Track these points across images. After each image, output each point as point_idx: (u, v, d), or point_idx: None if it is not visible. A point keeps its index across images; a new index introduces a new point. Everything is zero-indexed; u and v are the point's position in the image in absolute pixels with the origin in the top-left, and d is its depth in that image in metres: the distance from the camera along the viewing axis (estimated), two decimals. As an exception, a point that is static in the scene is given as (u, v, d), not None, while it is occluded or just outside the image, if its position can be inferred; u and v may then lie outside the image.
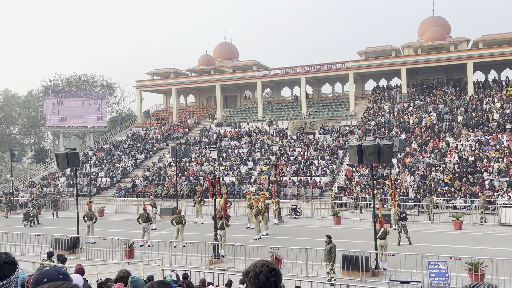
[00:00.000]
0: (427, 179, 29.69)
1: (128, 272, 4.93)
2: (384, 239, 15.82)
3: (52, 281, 2.49)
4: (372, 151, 15.25)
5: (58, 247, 18.77)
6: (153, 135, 48.86)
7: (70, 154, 20.27)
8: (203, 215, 26.86)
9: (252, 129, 44.45)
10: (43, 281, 2.47)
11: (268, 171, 34.85)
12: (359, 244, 18.27)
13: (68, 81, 65.50)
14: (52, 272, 2.54)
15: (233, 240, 18.35)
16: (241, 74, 49.52)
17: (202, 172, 37.63)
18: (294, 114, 46.34)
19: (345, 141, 37.89)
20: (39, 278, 2.49)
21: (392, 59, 43.51)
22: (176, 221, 20.00)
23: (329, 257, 14.14)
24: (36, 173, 49.24)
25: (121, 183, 39.46)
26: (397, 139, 27.33)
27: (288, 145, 39.50)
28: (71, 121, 51.12)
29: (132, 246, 18.29)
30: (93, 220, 21.86)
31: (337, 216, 24.86)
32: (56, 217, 30.86)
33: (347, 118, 43.11)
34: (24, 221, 27.40)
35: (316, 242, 18.67)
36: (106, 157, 45.66)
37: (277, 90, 53.05)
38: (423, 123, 37.51)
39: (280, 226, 24.69)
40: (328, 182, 32.77)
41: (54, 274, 2.52)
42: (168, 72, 53.78)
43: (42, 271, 2.57)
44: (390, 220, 22.72)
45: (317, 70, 45.23)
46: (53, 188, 39.82)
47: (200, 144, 43.64)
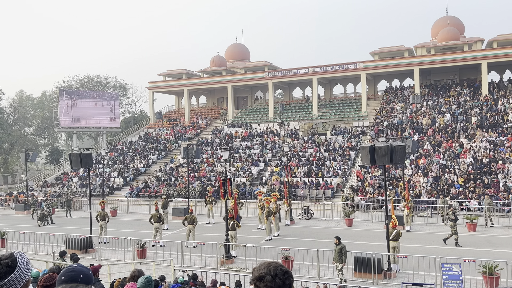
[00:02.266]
0: (440, 181, 29.36)
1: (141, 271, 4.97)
2: (396, 240, 15.67)
3: (87, 276, 2.55)
4: (384, 152, 15.13)
5: (72, 247, 18.97)
6: (165, 135, 49.15)
7: (83, 154, 20.48)
8: (215, 216, 26.93)
9: (263, 130, 44.44)
10: (80, 277, 2.52)
11: (280, 172, 34.80)
12: (371, 245, 18.14)
13: (81, 82, 66.26)
14: (84, 269, 2.61)
15: (245, 241, 18.36)
16: (252, 75, 49.56)
17: (214, 173, 37.74)
18: (306, 115, 46.21)
19: (357, 142, 37.66)
20: (74, 275, 2.53)
21: (405, 60, 43.15)
22: (188, 222, 20.08)
23: (340, 258, 14.07)
24: (50, 173, 49.86)
25: (133, 184, 39.76)
26: (410, 140, 27.07)
27: (300, 146, 39.40)
28: (85, 122, 51.67)
29: (144, 246, 18.41)
30: (105, 220, 22.05)
31: (349, 218, 24.71)
32: (70, 217, 31.20)
33: (359, 119, 42.85)
34: (38, 221, 27.77)
35: (327, 243, 18.58)
36: (119, 158, 46.05)
37: (289, 91, 52.97)
38: (436, 124, 37.11)
39: (292, 227, 24.63)
40: (339, 183, 32.59)
41: (86, 270, 2.60)
42: (180, 73, 54.07)
43: (74, 268, 2.61)
44: (403, 221, 22.51)
45: (329, 70, 45.05)
46: (67, 188, 40.27)
47: (212, 145, 43.77)
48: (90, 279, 2.57)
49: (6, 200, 38.52)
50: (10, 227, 24.02)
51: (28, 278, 2.30)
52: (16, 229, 22.49)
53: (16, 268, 2.23)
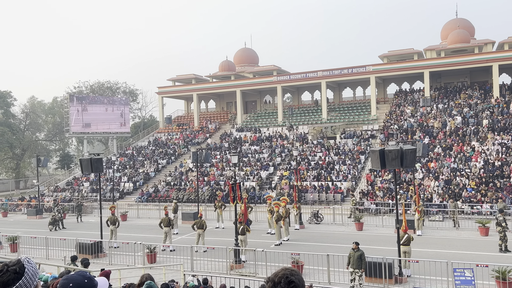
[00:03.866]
0: (451, 184, 29.07)
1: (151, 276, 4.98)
2: (407, 245, 15.52)
3: (78, 285, 2.53)
4: (395, 155, 15.02)
5: (82, 251, 19.08)
6: (174, 140, 49.37)
7: (93, 159, 20.65)
8: (224, 220, 26.92)
9: (272, 134, 44.43)
10: (69, 286, 2.51)
11: (289, 176, 34.73)
12: (382, 250, 17.99)
13: (92, 88, 66.89)
14: (77, 277, 2.58)
15: (254, 245, 18.32)
16: (261, 79, 49.64)
17: (223, 177, 37.77)
18: (315, 119, 46.12)
19: (367, 145, 37.46)
20: (65, 283, 2.53)
21: (414, 63, 42.92)
22: (197, 226, 20.10)
23: (359, 264, 13.86)
24: (61, 178, 50.31)
25: (143, 188, 39.96)
26: (420, 144, 26.85)
27: (309, 150, 39.30)
28: (95, 127, 52.11)
29: (154, 251, 18.45)
30: (116, 224, 22.17)
31: (359, 222, 24.55)
32: (80, 221, 31.42)
33: (369, 122, 42.65)
34: (49, 225, 28.00)
35: (338, 248, 18.49)
36: (129, 163, 46.33)
37: (298, 95, 52.95)
38: (447, 127, 36.80)
39: (301, 232, 24.53)
40: (349, 187, 32.41)
41: (79, 278, 2.57)
42: (189, 78, 54.35)
43: (68, 276, 2.61)
44: (414, 226, 22.31)
45: (338, 74, 44.96)
46: (77, 193, 40.59)
47: (221, 149, 43.84)
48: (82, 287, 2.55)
49: (18, 205, 38.92)
50: (22, 231, 24.24)
51: (36, 283, 2.30)
52: (28, 233, 22.70)
53: (24, 275, 2.24)
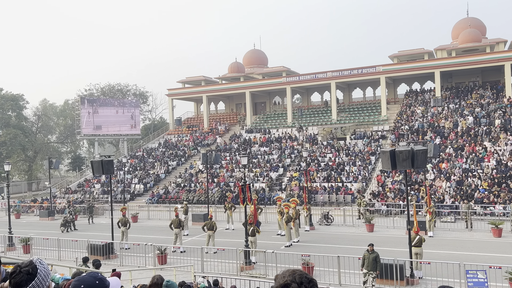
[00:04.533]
0: (463, 185, 28.77)
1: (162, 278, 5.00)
2: (419, 246, 15.39)
3: (89, 287, 2.55)
4: (405, 156, 14.91)
5: (94, 253, 19.23)
6: (184, 142, 49.57)
7: (104, 161, 20.81)
8: (234, 221, 26.95)
9: (281, 135, 44.38)
10: (81, 287, 2.53)
11: (299, 177, 34.65)
12: (393, 251, 17.85)
13: (102, 90, 67.44)
14: (88, 278, 2.60)
15: (264, 247, 18.31)
16: (270, 80, 49.63)
17: (233, 179, 37.82)
18: (325, 120, 45.98)
19: (378, 146, 37.24)
20: (76, 284, 2.55)
21: (425, 62, 42.57)
22: (207, 227, 20.14)
23: (374, 266, 13.77)
24: (72, 180, 50.78)
25: (154, 190, 40.16)
26: (432, 144, 26.62)
27: (319, 151, 39.18)
28: (106, 129, 52.53)
29: (165, 252, 18.53)
30: (127, 226, 22.30)
31: (369, 223, 24.40)
32: (92, 223, 31.67)
33: (379, 123, 42.40)
34: (61, 227, 28.27)
35: (348, 249, 18.39)
36: (139, 164, 46.61)
37: (307, 96, 52.84)
38: (458, 128, 36.43)
39: (312, 233, 24.45)
40: (360, 188, 32.24)
41: (91, 280, 2.59)
42: (199, 80, 54.54)
43: (79, 278, 2.63)
44: (425, 227, 22.11)
45: (347, 74, 44.78)
46: (89, 195, 40.93)
47: (230, 151, 43.91)
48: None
49: (30, 207, 39.38)
50: (34, 233, 24.52)
51: (48, 284, 2.32)
52: (40, 235, 22.94)
53: (37, 275, 2.26)
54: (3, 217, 35.53)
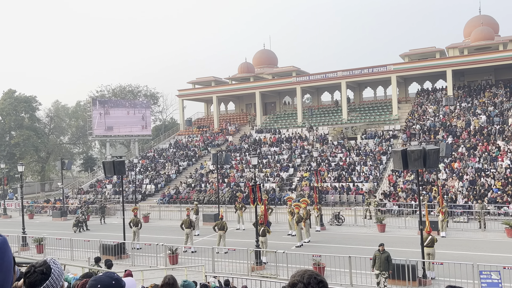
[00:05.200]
0: (476, 185, 28.43)
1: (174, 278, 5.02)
2: (431, 247, 15.26)
3: (106, 287, 2.58)
4: (417, 156, 14.80)
5: (106, 253, 19.39)
6: (195, 142, 49.75)
7: (116, 162, 20.98)
8: (245, 222, 26.96)
9: (292, 135, 44.31)
10: (97, 287, 2.56)
11: (309, 177, 34.55)
12: (405, 252, 17.72)
13: (114, 92, 67.97)
14: (105, 278, 2.63)
15: (275, 247, 18.29)
16: (280, 80, 49.59)
17: (243, 179, 37.86)
18: (335, 119, 45.80)
19: (389, 146, 36.99)
20: (93, 284, 2.58)
21: (436, 61, 42.17)
22: (218, 227, 20.19)
23: (386, 266, 13.71)
24: (84, 180, 51.27)
25: (165, 190, 40.37)
26: (444, 143, 26.38)
27: (329, 151, 39.03)
28: (117, 130, 52.95)
29: (176, 252, 18.61)
30: (138, 226, 22.44)
31: (381, 223, 24.24)
32: (104, 223, 31.94)
33: (390, 122, 42.11)
34: (74, 227, 28.55)
35: (360, 249, 18.29)
36: (151, 165, 46.89)
37: (317, 96, 52.68)
38: (471, 126, 36.02)
39: (322, 233, 24.37)
40: (371, 188, 32.04)
41: (107, 280, 2.62)
42: (209, 80, 54.70)
43: (96, 277, 2.65)
44: (437, 227, 21.90)
45: (358, 74, 44.55)
46: (100, 195, 41.28)
47: (241, 151, 43.95)
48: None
49: (43, 207, 39.84)
50: (47, 233, 24.79)
51: (61, 284, 2.35)
52: (53, 235, 23.20)
53: (51, 275, 2.29)
54: (17, 217, 36.01)
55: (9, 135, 56.45)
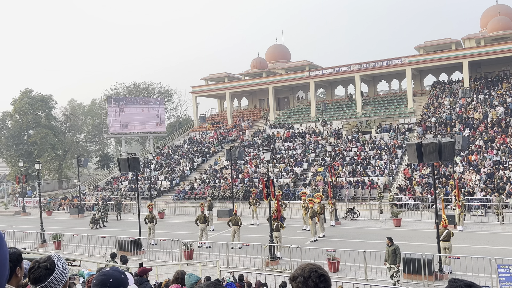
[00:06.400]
0: (494, 178, 27.93)
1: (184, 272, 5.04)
2: (448, 241, 15.06)
3: (117, 281, 2.60)
4: (432, 149, 14.58)
5: (122, 248, 19.62)
6: (209, 138, 49.93)
7: (131, 159, 21.17)
8: (259, 217, 27.00)
9: (305, 130, 44.13)
10: (109, 281, 2.58)
11: (323, 172, 34.40)
12: (421, 246, 17.55)
13: (128, 89, 68.57)
14: (115, 273, 2.65)
15: (289, 242, 18.27)
16: (293, 75, 49.35)
17: (257, 174, 37.88)
18: (349, 113, 45.45)
19: (404, 139, 36.58)
20: (104, 279, 2.59)
21: (452, 53, 41.45)
22: (232, 223, 20.25)
23: (394, 259, 13.68)
24: (101, 177, 51.93)
25: (179, 186, 40.65)
26: (460, 136, 25.93)
27: (343, 145, 38.78)
28: (132, 127, 53.45)
29: (191, 248, 18.74)
30: (153, 222, 22.66)
31: (397, 218, 24.02)
32: (120, 219, 32.32)
33: (406, 115, 41.62)
34: (90, 224, 28.96)
35: (375, 244, 18.16)
36: (165, 161, 47.24)
37: (331, 90, 52.32)
38: (488, 119, 35.36)
39: (337, 228, 24.27)
40: (386, 182, 31.76)
41: (117, 274, 2.64)
42: (222, 76, 54.75)
43: (106, 272, 2.67)
44: (454, 221, 21.61)
45: (372, 67, 44.08)
46: (117, 192, 41.77)
47: (254, 147, 43.96)
48: (120, 283, 2.60)
49: (61, 204, 40.49)
50: (65, 230, 25.20)
51: (66, 279, 2.37)
52: (70, 232, 23.56)
53: (55, 270, 2.31)
54: (35, 214, 36.67)
55: (26, 133, 57.39)
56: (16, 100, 55.74)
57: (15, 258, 2.21)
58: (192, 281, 5.25)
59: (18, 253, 2.26)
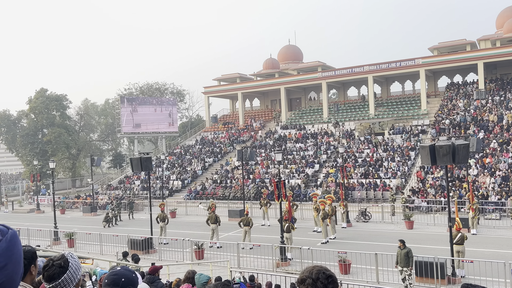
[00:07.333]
0: (509, 181, 27.51)
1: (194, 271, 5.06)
2: (461, 244, 14.89)
3: (129, 280, 2.62)
4: (446, 151, 14.41)
5: (134, 247, 19.78)
6: (220, 139, 50.06)
7: (143, 158, 21.34)
8: (270, 218, 26.98)
9: (317, 131, 43.99)
10: (121, 280, 2.60)
11: (335, 174, 34.24)
12: (434, 249, 17.36)
13: (141, 89, 69.11)
14: (126, 272, 2.67)
15: (300, 243, 18.22)
16: (305, 75, 49.24)
17: (268, 175, 37.86)
18: (362, 115, 45.18)
19: (417, 141, 36.24)
20: (116, 278, 2.61)
21: (467, 54, 40.94)
22: (244, 223, 20.27)
23: (406, 262, 13.56)
24: (113, 177, 52.40)
25: (191, 186, 40.82)
26: (474, 138, 25.61)
27: (356, 147, 38.56)
28: (145, 127, 53.86)
29: (202, 247, 18.81)
30: (165, 221, 22.79)
31: (409, 220, 23.80)
32: (132, 218, 32.58)
33: (419, 117, 41.23)
34: (103, 222, 29.24)
35: (386, 246, 18.02)
36: (177, 161, 47.49)
37: (343, 91, 52.07)
38: (504, 121, 34.84)
39: (349, 230, 24.14)
40: (399, 184, 31.49)
41: (129, 273, 2.67)
42: (234, 77, 54.86)
43: (117, 271, 2.69)
44: (468, 224, 21.34)
45: (385, 68, 43.77)
46: (129, 191, 42.11)
47: (266, 147, 43.95)
48: (132, 283, 2.62)
49: (74, 203, 40.96)
50: (78, 228, 25.49)
51: (79, 277, 2.39)
52: (83, 230, 23.83)
53: (68, 268, 2.34)
54: (49, 212, 37.16)
55: (41, 132, 58.20)
56: (32, 100, 56.55)
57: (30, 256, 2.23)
58: (202, 281, 5.27)
59: (32, 251, 2.28)
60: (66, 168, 61.42)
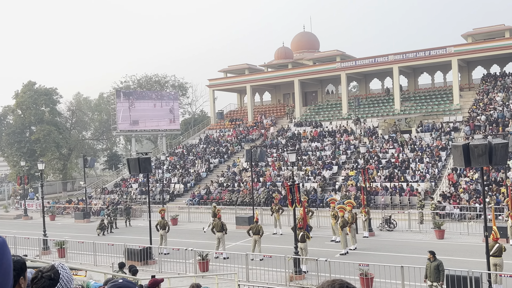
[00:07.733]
0: (554, 185, 27.21)
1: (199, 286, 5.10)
2: (499, 256, 14.78)
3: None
4: (481, 151, 14.28)
5: (131, 258, 19.92)
6: (227, 137, 50.21)
7: (141, 159, 21.46)
8: (282, 225, 27.00)
9: (335, 129, 43.94)
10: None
11: (356, 177, 34.19)
12: (467, 262, 17.27)
13: (139, 82, 69.54)
14: (129, 284, 2.71)
15: (316, 254, 18.21)
16: (322, 66, 49.20)
17: (280, 178, 37.90)
18: (386, 110, 45.03)
19: (449, 140, 36.07)
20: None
21: (505, 41, 40.60)
22: (253, 232, 20.31)
23: (437, 276, 13.54)
24: (108, 179, 52.82)
25: (194, 190, 41.02)
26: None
27: (379, 146, 38.47)
28: (143, 124, 54.17)
29: (207, 258, 18.89)
30: (166, 229, 22.92)
31: (439, 229, 23.69)
32: (129, 225, 32.82)
33: (451, 113, 41.02)
34: (97, 230, 29.49)
35: (414, 259, 17.95)
36: (179, 162, 47.74)
37: (365, 83, 51.94)
38: (547, 117, 34.46)
39: (371, 240, 24.08)
40: (428, 188, 31.35)
41: (132, 286, 2.70)
42: (242, 68, 54.97)
43: (119, 284, 2.73)
44: (507, 234, 21.16)
45: (412, 58, 43.57)
46: (126, 196, 42.41)
47: (278, 147, 44.00)
48: None
49: (65, 208, 41.34)
50: (69, 236, 25.75)
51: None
52: (76, 238, 24.04)
53: (59, 281, 2.35)
54: (37, 218, 37.56)
55: (29, 130, 58.76)
56: (18, 94, 57.04)
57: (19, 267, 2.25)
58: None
59: (22, 262, 2.31)
60: (56, 169, 61.98)
